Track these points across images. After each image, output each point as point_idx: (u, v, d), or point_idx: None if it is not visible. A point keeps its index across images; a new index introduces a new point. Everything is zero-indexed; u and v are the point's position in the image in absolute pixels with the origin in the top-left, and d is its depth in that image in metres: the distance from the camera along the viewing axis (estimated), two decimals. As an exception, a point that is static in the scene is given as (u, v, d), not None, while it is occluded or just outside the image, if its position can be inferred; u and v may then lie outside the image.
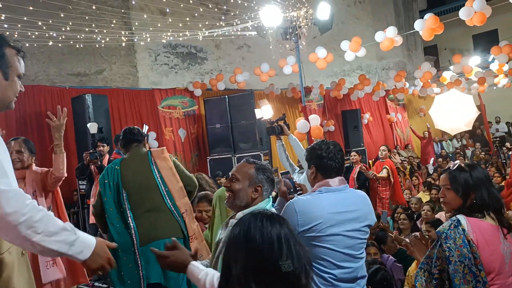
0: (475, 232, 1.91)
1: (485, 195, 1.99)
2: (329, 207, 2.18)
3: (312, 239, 2.14)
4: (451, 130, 12.23)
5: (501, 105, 16.89)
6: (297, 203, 2.20)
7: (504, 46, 9.94)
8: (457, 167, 2.09)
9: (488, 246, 1.90)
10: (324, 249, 2.14)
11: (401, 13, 17.40)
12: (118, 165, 3.23)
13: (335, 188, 2.27)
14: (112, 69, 9.31)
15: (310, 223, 2.14)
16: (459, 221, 1.94)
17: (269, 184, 2.10)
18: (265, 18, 6.90)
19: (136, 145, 3.34)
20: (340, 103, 12.87)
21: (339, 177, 2.31)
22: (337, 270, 2.15)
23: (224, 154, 8.75)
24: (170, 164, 3.23)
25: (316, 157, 2.32)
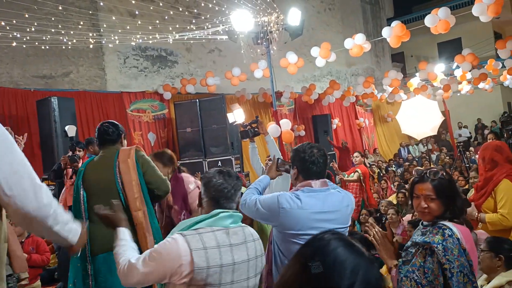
0: (465, 239, 1.91)
1: (460, 201, 2.01)
2: (309, 207, 2.26)
3: (291, 236, 2.24)
4: (417, 135, 12.60)
5: (464, 111, 17.54)
6: (281, 198, 2.28)
7: (468, 54, 10.32)
8: (440, 176, 2.02)
9: (473, 251, 1.93)
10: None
11: (369, 21, 17.81)
12: (84, 167, 3.09)
13: (317, 189, 2.35)
14: (79, 72, 9.10)
15: (290, 221, 2.23)
16: (452, 230, 1.91)
17: (209, 196, 1.91)
18: (236, 23, 6.91)
19: (110, 145, 3.13)
20: (310, 108, 13.03)
21: (321, 179, 2.38)
22: None
23: (195, 158, 8.68)
24: (132, 170, 2.96)
25: (299, 160, 2.38)
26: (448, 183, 2.02)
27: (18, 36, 6.73)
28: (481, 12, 6.47)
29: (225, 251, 1.76)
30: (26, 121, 7.40)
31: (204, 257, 1.70)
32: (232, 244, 1.80)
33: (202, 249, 1.71)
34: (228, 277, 1.75)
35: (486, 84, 13.67)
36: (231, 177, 1.92)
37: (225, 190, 1.88)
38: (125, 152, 3.06)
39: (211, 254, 1.72)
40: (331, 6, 15.91)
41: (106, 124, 3.18)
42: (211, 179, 1.90)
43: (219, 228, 1.81)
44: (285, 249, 2.33)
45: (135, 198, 2.89)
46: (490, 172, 3.44)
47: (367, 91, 12.91)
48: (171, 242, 1.73)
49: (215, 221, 1.82)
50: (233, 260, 1.77)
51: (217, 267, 1.72)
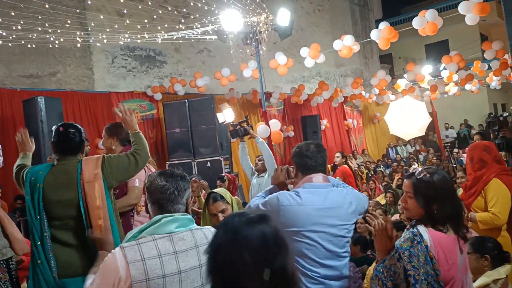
0: (436, 248, 1.85)
1: (449, 207, 1.91)
2: (309, 203, 2.27)
3: (293, 233, 2.22)
4: (405, 135, 12.69)
5: (451, 112, 17.76)
6: (281, 196, 2.30)
7: (454, 55, 10.44)
8: (422, 175, 1.98)
9: (447, 260, 1.86)
10: (304, 243, 2.23)
11: (358, 22, 17.93)
12: (41, 182, 2.57)
13: (319, 184, 2.36)
14: (66, 71, 8.98)
15: (291, 217, 2.23)
16: (421, 236, 1.86)
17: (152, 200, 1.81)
18: (226, 23, 6.89)
19: (70, 156, 2.67)
20: (299, 109, 13.06)
21: (322, 174, 2.40)
22: (320, 269, 2.23)
23: (184, 159, 8.62)
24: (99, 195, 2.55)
25: (296, 155, 2.45)
26: (427, 184, 1.95)
27: (4, 35, 6.61)
28: (467, 11, 6.54)
29: (168, 260, 1.65)
30: (12, 121, 7.28)
31: (142, 269, 1.60)
32: (178, 251, 1.69)
33: (140, 261, 1.61)
34: (176, 286, 1.65)
35: (473, 86, 13.86)
36: (173, 177, 1.80)
37: (167, 191, 1.76)
38: (90, 166, 2.59)
39: (150, 265, 1.61)
40: (320, 7, 15.97)
41: (69, 129, 2.70)
42: (153, 182, 1.78)
43: (162, 235, 1.70)
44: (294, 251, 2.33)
45: (99, 225, 2.52)
46: (479, 171, 3.48)
47: (356, 92, 12.99)
48: (110, 257, 1.65)
49: (157, 228, 1.71)
50: (178, 269, 1.66)
51: (159, 278, 1.62)
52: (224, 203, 2.66)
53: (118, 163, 2.70)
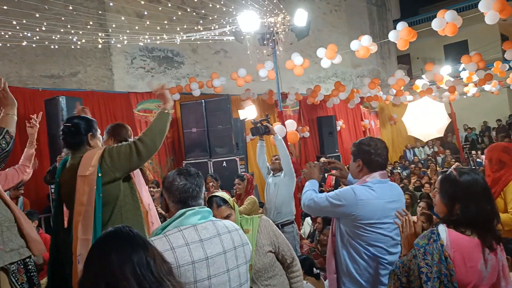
0: (453, 248, 1.82)
1: (472, 209, 1.85)
2: (383, 196, 2.44)
3: (369, 225, 2.40)
4: (423, 136, 12.55)
5: (470, 113, 17.48)
6: (357, 190, 2.45)
7: (474, 55, 10.27)
8: (449, 173, 1.97)
9: (465, 263, 1.81)
10: (377, 234, 2.41)
11: (375, 22, 17.79)
12: (58, 177, 2.66)
13: (383, 180, 2.52)
14: (86, 72, 9.16)
15: (369, 211, 2.40)
16: (439, 234, 1.85)
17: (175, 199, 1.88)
18: (243, 23, 6.94)
19: (75, 149, 2.67)
20: (315, 109, 13.03)
21: (384, 171, 2.56)
22: (388, 256, 2.41)
23: (200, 158, 8.70)
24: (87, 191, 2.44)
25: (364, 153, 2.54)
26: (453, 183, 1.93)
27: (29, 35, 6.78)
28: (487, 8, 6.43)
29: (195, 247, 1.75)
30: (34, 120, 7.46)
31: (173, 257, 1.69)
32: (203, 239, 1.79)
33: (170, 250, 1.70)
34: (204, 273, 1.74)
35: (493, 87, 13.61)
36: (191, 175, 1.91)
37: (190, 189, 1.87)
38: (87, 160, 2.52)
39: (179, 253, 1.71)
40: (337, 8, 15.91)
41: (67, 124, 2.69)
42: (173, 182, 1.88)
43: (187, 226, 1.81)
44: (357, 236, 2.45)
45: (77, 222, 2.42)
46: (498, 173, 3.44)
47: (372, 93, 12.89)
48: None
49: (182, 221, 1.81)
50: (205, 255, 1.76)
51: (189, 264, 1.72)
52: (228, 207, 2.50)
53: (119, 153, 2.54)
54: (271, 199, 5.18)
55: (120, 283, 1.17)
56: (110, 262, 1.20)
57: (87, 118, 2.78)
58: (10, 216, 2.37)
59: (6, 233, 2.29)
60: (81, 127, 2.66)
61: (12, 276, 2.28)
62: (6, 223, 2.32)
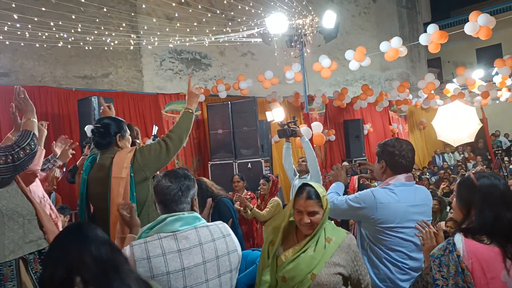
0: (471, 259, 1.70)
1: (489, 215, 1.75)
2: (405, 200, 2.36)
3: (388, 229, 2.34)
4: (453, 141, 12.25)
5: (502, 119, 16.94)
6: (377, 193, 2.37)
7: (508, 59, 9.99)
8: (467, 176, 1.89)
9: (485, 274, 1.69)
10: (398, 239, 2.34)
11: (405, 25, 17.51)
12: (87, 174, 2.75)
13: (408, 183, 2.44)
14: (118, 73, 9.40)
15: (389, 214, 2.32)
16: (455, 245, 1.75)
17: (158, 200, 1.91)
18: (271, 25, 6.98)
19: (105, 149, 2.75)
20: (342, 113, 12.92)
21: (409, 174, 2.47)
22: (409, 261, 2.35)
23: (226, 159, 8.77)
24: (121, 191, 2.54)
25: (388, 154, 2.46)
26: (469, 186, 1.85)
27: (65, 37, 7.01)
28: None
29: (172, 258, 1.74)
30: (68, 119, 7.71)
31: (148, 267, 1.70)
32: (181, 249, 1.76)
33: (146, 259, 1.71)
34: (180, 283, 1.73)
35: (527, 91, 13.16)
36: (177, 177, 1.87)
37: (172, 192, 1.84)
38: (120, 161, 2.60)
39: (155, 263, 1.71)
40: (366, 10, 15.75)
41: (97, 124, 2.77)
42: (158, 183, 1.87)
43: (167, 233, 1.78)
44: (378, 241, 2.39)
45: (114, 224, 2.52)
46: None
47: (402, 96, 12.68)
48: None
49: (162, 227, 1.80)
50: (182, 266, 1.74)
51: (163, 275, 1.71)
52: (317, 204, 2.16)
53: (149, 152, 2.67)
54: (297, 201, 5.17)
55: (78, 267, 1.26)
56: (70, 248, 1.30)
57: (117, 119, 2.84)
58: (31, 209, 2.48)
59: (27, 225, 2.40)
60: (110, 128, 2.73)
61: (28, 265, 2.38)
62: (28, 216, 2.43)
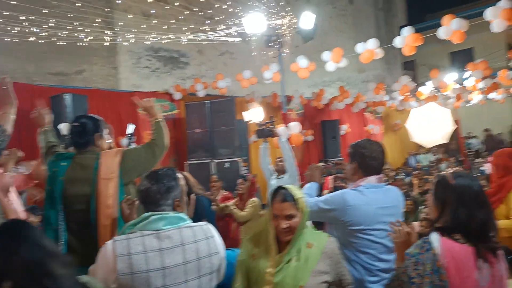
0: (446, 257, 1.73)
1: (463, 214, 1.78)
2: (374, 202, 2.35)
3: (358, 231, 2.31)
4: (427, 142, 12.48)
5: (474, 121, 17.41)
6: (347, 195, 2.36)
7: (480, 63, 10.28)
8: (444, 176, 1.93)
9: (459, 274, 1.73)
10: (367, 241, 2.31)
11: (381, 27, 17.77)
12: (62, 175, 2.58)
13: (378, 184, 2.43)
14: (92, 70, 9.20)
15: (358, 216, 2.31)
16: (431, 243, 1.77)
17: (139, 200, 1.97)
18: (249, 25, 6.95)
19: (83, 149, 2.64)
20: (319, 113, 13.01)
21: (379, 175, 2.46)
22: (378, 262, 2.32)
23: (203, 159, 8.70)
24: (113, 193, 2.50)
25: (359, 155, 2.44)
26: (445, 185, 1.88)
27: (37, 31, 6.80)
28: (494, 16, 6.42)
29: (153, 256, 1.74)
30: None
31: (128, 263, 1.71)
32: (163, 248, 1.76)
33: (126, 255, 1.71)
34: (159, 282, 1.73)
35: (498, 95, 13.57)
36: (158, 179, 1.87)
37: (151, 194, 1.85)
38: (109, 162, 2.55)
39: (135, 260, 1.72)
40: (343, 12, 15.92)
41: (75, 123, 2.66)
42: (141, 183, 1.90)
43: (150, 232, 1.79)
44: (349, 244, 2.36)
45: (106, 225, 2.47)
46: (503, 179, 3.43)
47: (377, 98, 12.87)
48: (103, 248, 1.78)
49: (146, 225, 1.80)
50: (162, 265, 1.74)
51: (143, 272, 1.71)
52: (294, 206, 2.04)
53: (136, 156, 2.65)
54: (274, 201, 5.16)
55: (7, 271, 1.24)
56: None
57: (95, 117, 2.74)
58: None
59: None
60: (89, 127, 2.64)
61: None
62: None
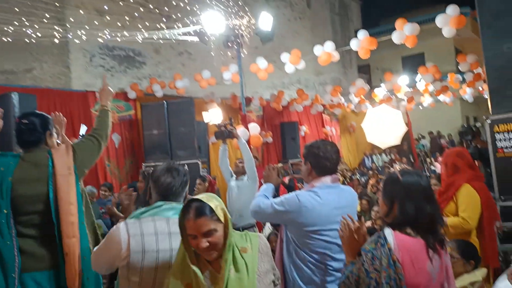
0: (401, 251, 1.78)
1: (411, 208, 1.84)
2: (329, 203, 2.35)
3: (313, 232, 2.32)
4: (381, 143, 12.89)
5: (425, 123, 18.16)
6: (301, 197, 2.34)
7: (431, 67, 10.72)
8: (393, 173, 1.97)
9: (413, 266, 1.79)
10: (322, 242, 2.32)
11: (338, 31, 18.18)
12: (11, 175, 2.44)
13: (333, 185, 2.43)
14: (42, 68, 8.78)
15: (313, 218, 2.30)
16: (386, 238, 1.81)
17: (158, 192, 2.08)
18: (207, 24, 6.88)
19: (34, 147, 2.56)
20: (278, 115, 13.11)
21: (334, 175, 2.46)
22: (333, 262, 2.33)
23: (161, 161, 8.49)
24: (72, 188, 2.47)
25: (313, 156, 2.44)
26: (393, 182, 1.93)
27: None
28: (445, 25, 6.70)
29: (163, 238, 1.90)
30: (-17, 117, 7.07)
31: (141, 242, 1.86)
32: (172, 232, 1.92)
33: (139, 235, 1.87)
34: (166, 262, 1.89)
35: (447, 97, 14.22)
36: (179, 175, 2.07)
37: (174, 188, 2.03)
38: (63, 158, 2.51)
39: (147, 240, 1.88)
40: (301, 15, 16.14)
41: (24, 120, 2.57)
42: (160, 177, 2.04)
43: (161, 218, 1.96)
44: (305, 245, 2.36)
45: (71, 222, 2.42)
46: (452, 177, 3.57)
47: (335, 100, 13.14)
48: (115, 229, 1.92)
49: (157, 212, 1.97)
50: (170, 246, 1.90)
51: (154, 251, 1.88)
52: (212, 220, 1.71)
53: (85, 149, 2.66)
54: (233, 202, 5.15)
55: None
56: None
57: (44, 115, 2.66)
58: None
59: None
60: (39, 124, 2.58)
61: None
62: None
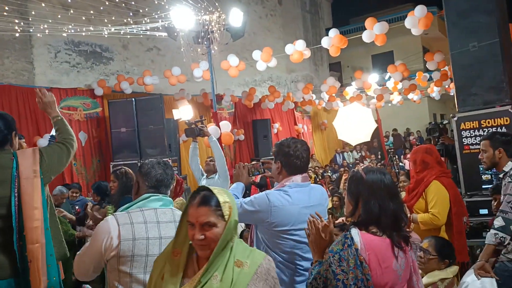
0: (368, 251, 1.77)
1: (375, 206, 1.82)
2: (299, 202, 2.33)
3: (283, 232, 2.30)
4: (352, 140, 13.04)
5: (394, 120, 18.52)
6: (271, 196, 2.32)
7: (399, 65, 10.91)
8: (356, 171, 1.97)
9: (380, 265, 1.78)
10: (292, 241, 2.30)
11: (309, 29, 18.27)
12: None
13: (303, 184, 2.40)
14: (4, 64, 8.40)
15: (283, 217, 2.29)
16: (353, 238, 1.79)
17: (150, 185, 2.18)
18: (176, 19, 6.72)
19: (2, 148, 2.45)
20: (250, 112, 13.05)
21: (304, 174, 2.43)
22: (303, 262, 2.31)
23: (129, 160, 8.29)
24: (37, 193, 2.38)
25: (283, 154, 2.41)
26: (357, 180, 1.92)
27: None
28: (413, 25, 6.81)
29: (152, 227, 1.99)
30: None
31: (131, 230, 1.94)
32: (160, 221, 2.02)
33: (129, 224, 1.95)
34: (156, 249, 1.95)
35: (415, 95, 14.52)
36: (168, 168, 2.22)
37: (165, 180, 2.16)
38: (28, 161, 2.42)
39: (137, 228, 1.95)
40: (272, 12, 16.12)
41: None
42: (151, 170, 2.15)
43: (148, 208, 2.05)
44: (275, 245, 2.33)
45: (35, 227, 2.33)
46: (421, 174, 3.59)
47: (306, 98, 13.20)
48: (103, 222, 1.98)
49: (145, 203, 2.07)
50: (159, 235, 1.99)
51: (143, 239, 1.95)
52: (213, 212, 1.58)
53: (53, 155, 2.57)
54: (205, 201, 5.03)
55: None
56: None
57: (7, 115, 2.56)
58: None
59: None
60: (4, 125, 2.46)
61: None
62: None
